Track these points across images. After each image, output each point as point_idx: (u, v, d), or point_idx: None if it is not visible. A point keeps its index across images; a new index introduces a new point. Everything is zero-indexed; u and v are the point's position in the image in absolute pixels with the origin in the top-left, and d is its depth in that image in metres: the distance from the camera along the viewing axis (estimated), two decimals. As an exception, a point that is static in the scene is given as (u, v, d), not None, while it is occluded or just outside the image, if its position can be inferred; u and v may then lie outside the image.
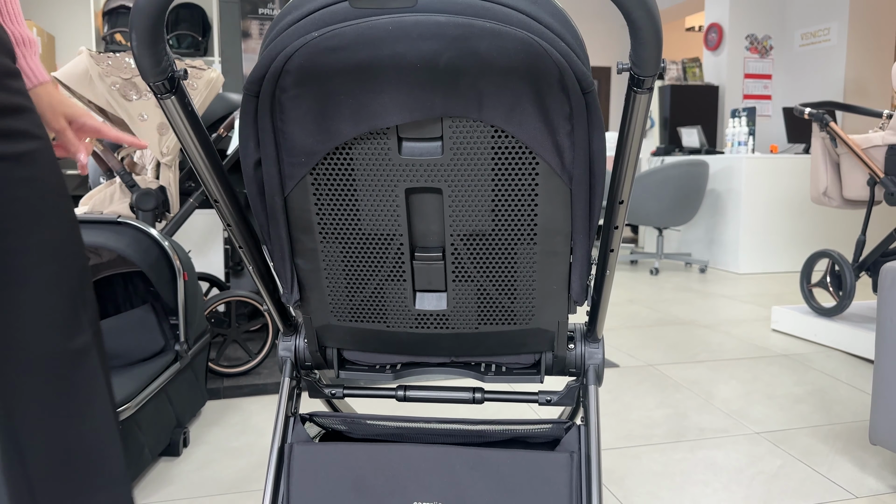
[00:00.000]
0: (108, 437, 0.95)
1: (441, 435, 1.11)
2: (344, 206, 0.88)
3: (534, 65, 0.75)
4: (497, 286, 0.94)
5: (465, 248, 0.90)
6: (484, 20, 0.74)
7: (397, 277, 0.94)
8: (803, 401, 2.62)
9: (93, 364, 0.95)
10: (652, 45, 0.64)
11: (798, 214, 5.64)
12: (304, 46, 0.77)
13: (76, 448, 0.92)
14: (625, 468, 2.04)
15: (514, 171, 0.83)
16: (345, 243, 0.92)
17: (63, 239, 0.90)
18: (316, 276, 0.96)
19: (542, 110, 0.79)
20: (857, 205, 3.39)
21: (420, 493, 1.00)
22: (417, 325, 0.99)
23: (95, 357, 0.95)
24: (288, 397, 1.07)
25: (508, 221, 0.88)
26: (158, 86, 0.72)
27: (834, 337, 3.33)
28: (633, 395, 2.67)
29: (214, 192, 0.86)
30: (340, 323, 1.02)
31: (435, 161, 0.83)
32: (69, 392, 0.93)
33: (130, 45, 0.67)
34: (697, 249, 6.07)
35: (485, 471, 0.99)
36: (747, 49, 6.95)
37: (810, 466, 2.05)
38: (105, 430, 0.95)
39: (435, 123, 0.81)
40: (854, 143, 3.20)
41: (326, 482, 1.01)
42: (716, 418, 2.43)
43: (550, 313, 0.98)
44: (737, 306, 4.30)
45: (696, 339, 3.50)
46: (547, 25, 0.76)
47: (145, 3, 0.63)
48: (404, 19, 0.75)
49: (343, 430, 1.16)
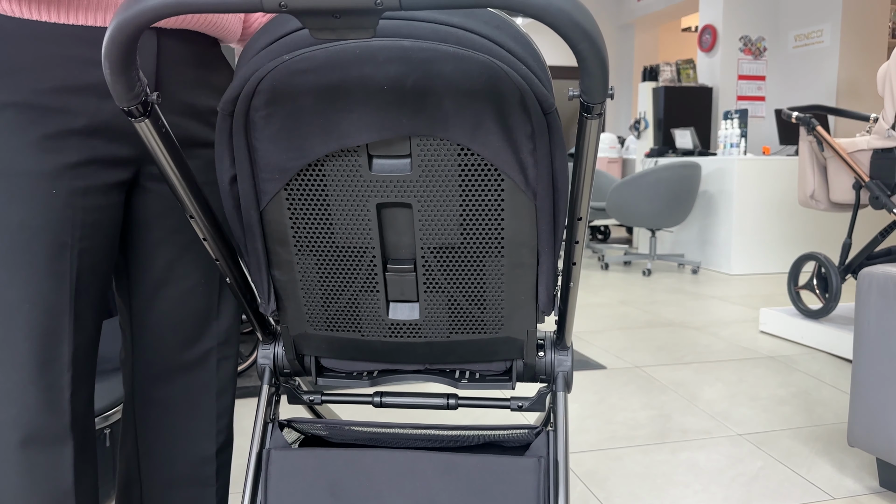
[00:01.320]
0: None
1: (417, 440, 1.14)
2: (318, 220, 0.91)
3: (496, 87, 0.79)
4: (467, 297, 0.97)
5: (435, 261, 0.94)
6: (448, 45, 0.78)
7: (371, 288, 0.97)
8: (787, 402, 2.66)
9: (210, 370, 1.15)
10: (598, 75, 0.67)
11: (789, 216, 5.68)
12: (276, 69, 0.81)
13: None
14: (607, 469, 2.07)
15: (481, 187, 0.87)
16: (319, 255, 0.95)
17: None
18: (292, 286, 0.99)
19: (506, 129, 0.82)
20: (843, 208, 3.43)
21: (394, 498, 1.03)
22: (391, 334, 1.02)
23: (213, 365, 1.15)
24: (267, 403, 1.10)
25: (476, 235, 0.91)
26: (132, 110, 0.75)
27: (820, 339, 3.37)
28: (619, 397, 2.70)
29: (190, 208, 0.89)
30: (316, 332, 1.05)
31: (404, 177, 0.86)
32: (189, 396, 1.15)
33: (103, 72, 0.70)
34: (690, 250, 6.11)
35: (455, 475, 1.02)
36: (741, 50, 6.99)
37: (790, 468, 2.09)
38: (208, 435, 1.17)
39: (403, 142, 0.84)
40: (840, 146, 3.24)
41: (303, 487, 1.04)
42: (699, 420, 2.47)
43: (519, 323, 1.01)
44: (727, 308, 4.33)
45: (684, 341, 3.53)
46: (509, 50, 0.80)
47: (116, 33, 0.65)
48: (371, 44, 0.78)
49: (322, 435, 1.19)
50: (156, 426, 1.14)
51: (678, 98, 6.87)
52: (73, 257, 0.95)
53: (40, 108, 0.91)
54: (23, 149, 0.90)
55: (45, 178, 0.92)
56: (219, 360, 1.15)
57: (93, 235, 0.98)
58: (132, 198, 1.06)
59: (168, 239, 1.08)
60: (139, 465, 1.15)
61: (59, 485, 0.96)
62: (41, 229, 0.92)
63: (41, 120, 0.91)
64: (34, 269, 0.92)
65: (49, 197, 0.92)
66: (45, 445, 0.94)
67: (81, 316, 0.98)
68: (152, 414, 1.14)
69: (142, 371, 1.13)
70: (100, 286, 1.01)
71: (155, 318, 1.10)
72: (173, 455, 1.14)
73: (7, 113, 0.90)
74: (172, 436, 1.14)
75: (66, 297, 0.95)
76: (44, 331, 0.93)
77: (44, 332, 0.93)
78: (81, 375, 0.99)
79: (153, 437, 1.14)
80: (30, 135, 0.91)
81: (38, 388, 0.93)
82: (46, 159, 0.92)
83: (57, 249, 0.94)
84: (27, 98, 0.90)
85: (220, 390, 1.16)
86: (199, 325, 1.13)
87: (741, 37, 6.98)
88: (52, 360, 0.94)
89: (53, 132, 0.92)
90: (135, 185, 1.05)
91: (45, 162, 0.92)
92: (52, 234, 0.93)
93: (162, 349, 1.11)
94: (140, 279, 1.09)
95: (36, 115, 0.91)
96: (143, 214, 1.07)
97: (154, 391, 1.13)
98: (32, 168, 0.91)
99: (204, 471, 1.16)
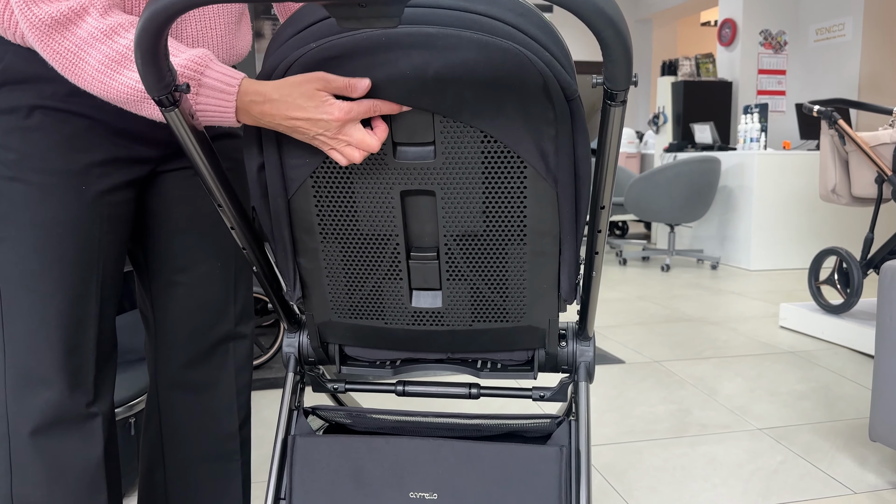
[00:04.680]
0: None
1: (439, 428, 1.15)
2: (342, 208, 0.93)
3: (519, 74, 0.79)
4: (489, 285, 0.98)
5: (457, 248, 0.94)
6: (471, 31, 0.78)
7: (394, 276, 0.98)
8: (807, 397, 2.64)
9: (229, 350, 1.19)
10: (622, 62, 0.68)
11: (810, 211, 5.63)
12: (304, 56, 0.82)
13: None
14: (626, 462, 2.07)
15: (503, 175, 0.87)
16: (344, 243, 0.96)
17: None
18: (317, 274, 1.00)
19: (527, 116, 0.82)
20: (865, 202, 3.39)
21: (416, 485, 1.04)
22: (414, 322, 1.03)
23: (232, 345, 1.20)
24: (292, 392, 1.11)
25: (499, 223, 0.91)
26: (162, 100, 0.76)
27: (841, 334, 3.34)
28: (637, 391, 2.70)
29: (218, 198, 0.91)
30: (341, 319, 1.06)
31: (428, 165, 0.87)
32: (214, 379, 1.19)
33: (135, 61, 0.72)
34: (709, 246, 6.07)
35: (477, 463, 1.03)
36: (761, 45, 6.93)
37: (811, 462, 2.08)
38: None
39: (427, 129, 0.85)
40: (862, 140, 3.21)
41: (327, 473, 1.05)
42: (718, 414, 2.46)
43: (541, 311, 1.01)
44: (746, 303, 4.31)
45: (703, 336, 3.52)
46: (532, 36, 0.80)
47: (148, 24, 0.67)
48: (396, 31, 0.79)
49: (345, 422, 1.21)
50: (180, 407, 1.17)
51: (697, 92, 6.82)
52: (101, 249, 1.00)
53: (64, 111, 0.95)
54: (54, 148, 0.95)
55: (75, 176, 0.96)
56: (236, 339, 1.20)
57: (115, 229, 1.02)
58: (147, 190, 1.10)
59: (184, 227, 1.12)
60: (163, 448, 1.18)
61: (89, 462, 1.01)
62: (72, 224, 0.97)
63: (67, 121, 0.95)
64: (66, 262, 0.97)
65: (79, 193, 0.97)
66: (73, 425, 0.99)
67: (105, 303, 1.03)
68: (176, 396, 1.17)
69: (165, 355, 1.17)
70: (118, 275, 1.05)
71: (175, 303, 1.14)
72: (197, 433, 1.18)
73: (35, 115, 0.94)
74: (196, 415, 1.18)
75: (93, 287, 1.00)
76: (74, 319, 0.98)
77: (74, 319, 0.98)
78: (104, 359, 1.04)
79: (177, 418, 1.17)
80: (59, 135, 0.95)
81: (67, 371, 0.97)
82: (76, 158, 0.96)
83: (86, 242, 0.98)
84: (50, 102, 0.94)
85: (239, 368, 1.20)
86: (218, 309, 1.16)
87: (761, 31, 6.91)
88: (79, 346, 0.99)
89: (80, 132, 0.96)
90: (151, 179, 1.09)
91: (75, 161, 0.96)
92: (82, 228, 0.97)
93: (183, 333, 1.15)
94: (159, 268, 1.13)
95: (62, 117, 0.95)
96: (158, 205, 1.11)
97: (177, 374, 1.17)
98: (63, 167, 0.95)
99: (228, 446, 1.20)
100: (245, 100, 0.84)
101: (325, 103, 0.80)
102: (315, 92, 0.80)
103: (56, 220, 0.95)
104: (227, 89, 0.84)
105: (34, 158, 0.93)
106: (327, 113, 0.80)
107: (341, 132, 0.82)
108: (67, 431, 0.99)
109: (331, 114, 0.80)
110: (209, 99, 0.84)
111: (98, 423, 1.02)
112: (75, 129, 0.96)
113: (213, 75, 0.84)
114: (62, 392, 0.97)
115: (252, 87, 0.83)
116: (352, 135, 0.82)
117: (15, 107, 0.93)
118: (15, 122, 0.93)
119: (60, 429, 0.98)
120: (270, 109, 0.82)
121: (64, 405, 0.98)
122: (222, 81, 0.84)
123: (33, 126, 0.93)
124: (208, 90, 0.84)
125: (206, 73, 0.84)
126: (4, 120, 0.93)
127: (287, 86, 0.81)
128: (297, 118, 0.81)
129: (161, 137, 1.04)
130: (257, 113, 0.83)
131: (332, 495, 1.04)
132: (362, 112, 0.81)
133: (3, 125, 0.93)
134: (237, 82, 0.84)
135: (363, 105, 0.81)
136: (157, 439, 1.19)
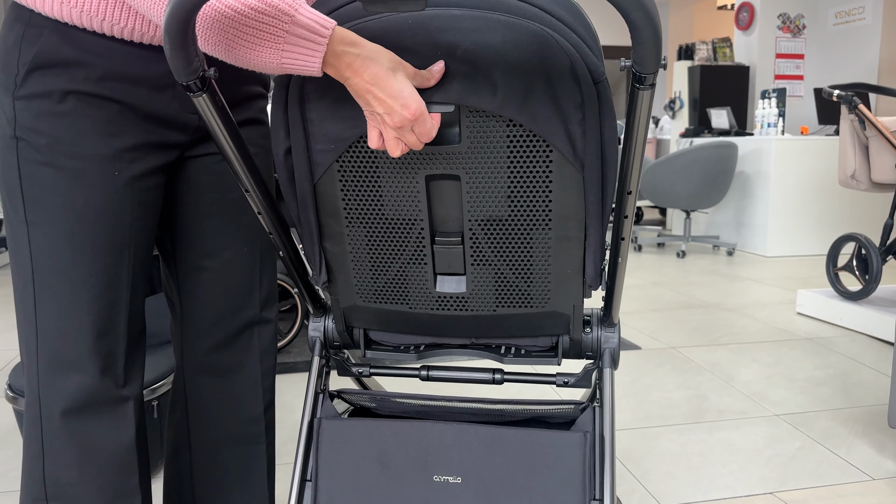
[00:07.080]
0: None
1: (463, 413, 1.15)
2: (368, 193, 0.93)
3: (546, 56, 0.79)
4: (514, 270, 0.98)
5: (482, 233, 0.94)
6: (498, 13, 0.78)
7: (419, 261, 0.99)
8: (825, 384, 2.63)
9: (254, 335, 1.20)
10: (651, 44, 0.67)
11: (828, 197, 5.58)
12: None
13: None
14: (643, 448, 2.08)
15: (529, 159, 0.87)
16: (369, 228, 0.97)
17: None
18: (342, 258, 1.01)
19: (554, 99, 0.82)
20: (885, 188, 3.36)
21: (440, 468, 1.05)
22: (438, 306, 1.04)
23: (257, 330, 1.20)
24: (317, 375, 1.12)
25: (524, 207, 0.91)
26: (190, 85, 0.77)
27: (859, 321, 3.32)
28: (654, 377, 2.69)
29: (245, 182, 0.91)
30: (366, 304, 1.06)
31: (453, 149, 0.87)
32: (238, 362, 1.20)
33: (164, 47, 0.72)
34: (726, 232, 6.04)
35: (501, 448, 1.03)
36: (779, 28, 6.85)
37: (829, 448, 2.07)
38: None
39: (452, 114, 0.85)
40: (882, 125, 3.17)
41: (352, 455, 1.06)
42: (735, 400, 2.45)
43: (566, 297, 1.02)
44: (763, 289, 4.29)
45: (719, 322, 3.50)
46: (559, 18, 0.80)
47: (176, 9, 0.67)
48: (423, 13, 0.78)
49: (370, 406, 1.22)
50: (206, 391, 1.19)
51: (714, 77, 6.75)
52: (131, 234, 1.01)
53: (96, 95, 0.95)
54: (86, 133, 0.95)
55: (108, 161, 0.96)
56: (261, 324, 1.21)
57: (145, 214, 1.03)
58: (174, 176, 1.10)
59: (211, 213, 1.12)
60: (189, 431, 1.20)
61: (120, 445, 1.02)
62: (104, 209, 0.97)
63: (100, 105, 0.95)
64: (98, 247, 0.97)
65: (112, 178, 0.97)
66: (105, 408, 1.01)
67: (136, 288, 1.03)
68: (202, 380, 1.19)
69: (191, 340, 1.18)
70: (148, 260, 1.06)
71: (201, 288, 1.15)
72: (223, 417, 1.19)
73: (69, 100, 0.94)
74: (221, 398, 1.19)
75: (124, 272, 1.01)
76: (105, 303, 0.98)
77: (105, 304, 0.98)
78: (134, 343, 1.05)
79: (203, 402, 1.19)
80: (91, 120, 0.95)
81: (99, 355, 0.98)
82: (108, 143, 0.96)
83: (117, 227, 0.98)
84: (83, 87, 0.94)
85: (264, 352, 1.21)
86: (244, 293, 1.17)
87: (779, 14, 6.83)
88: (110, 330, 0.99)
89: (112, 118, 0.96)
90: (178, 165, 1.10)
91: (107, 146, 0.96)
92: (114, 213, 0.98)
93: (209, 318, 1.16)
94: (185, 253, 1.14)
95: (94, 102, 0.95)
96: (185, 191, 1.11)
97: (203, 358, 1.18)
98: (96, 152, 0.95)
99: (253, 429, 1.21)
100: (337, 49, 0.76)
101: (405, 91, 0.77)
102: (401, 67, 0.78)
103: (88, 205, 0.96)
104: (321, 31, 0.76)
105: (66, 143, 0.94)
106: (405, 107, 0.78)
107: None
108: (99, 415, 1.00)
109: (408, 107, 0.78)
110: (298, 39, 0.76)
111: (130, 406, 1.03)
112: (107, 114, 0.96)
113: (306, 13, 0.76)
114: (94, 376, 0.99)
115: (348, 37, 0.77)
116: (424, 123, 0.80)
117: (48, 91, 0.93)
118: (48, 106, 0.93)
119: (92, 412, 0.99)
120: (361, 66, 0.77)
121: (95, 389, 0.99)
122: (316, 22, 0.76)
123: (66, 111, 0.93)
124: (300, 28, 0.75)
125: (299, 10, 0.76)
126: (37, 104, 0.93)
127: (379, 49, 0.77)
128: (377, 94, 0.77)
129: (189, 122, 1.04)
130: (344, 66, 0.77)
131: (357, 477, 1.05)
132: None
133: (36, 109, 0.93)
134: (332, 25, 0.77)
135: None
136: (182, 423, 1.20)
